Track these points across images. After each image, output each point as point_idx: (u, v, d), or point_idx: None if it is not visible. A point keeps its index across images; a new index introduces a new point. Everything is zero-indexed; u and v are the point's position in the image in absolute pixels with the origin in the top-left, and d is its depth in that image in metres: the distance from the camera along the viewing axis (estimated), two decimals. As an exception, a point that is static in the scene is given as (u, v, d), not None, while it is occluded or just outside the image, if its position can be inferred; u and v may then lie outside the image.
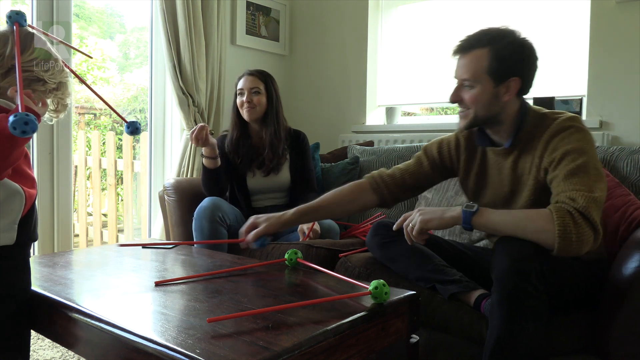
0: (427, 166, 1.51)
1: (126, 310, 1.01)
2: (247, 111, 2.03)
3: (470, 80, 1.27)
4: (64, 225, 2.27)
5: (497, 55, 1.24)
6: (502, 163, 1.35)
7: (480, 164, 1.43)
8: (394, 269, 1.48)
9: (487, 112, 1.28)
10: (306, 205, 1.49)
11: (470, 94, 1.28)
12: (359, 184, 1.55)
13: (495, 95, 1.26)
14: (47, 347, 1.83)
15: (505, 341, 1.07)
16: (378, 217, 2.21)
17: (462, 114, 1.33)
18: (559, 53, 2.27)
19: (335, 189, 1.54)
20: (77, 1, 3.77)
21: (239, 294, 1.10)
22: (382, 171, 1.55)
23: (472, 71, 1.26)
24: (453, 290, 1.30)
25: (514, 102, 1.29)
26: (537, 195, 1.27)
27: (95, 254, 1.60)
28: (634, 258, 1.12)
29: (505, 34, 1.26)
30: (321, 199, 1.52)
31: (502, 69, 1.24)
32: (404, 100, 2.86)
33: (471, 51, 1.27)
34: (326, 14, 3.03)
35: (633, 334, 1.10)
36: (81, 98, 3.87)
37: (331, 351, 0.87)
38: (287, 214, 1.46)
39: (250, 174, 2.08)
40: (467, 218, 1.21)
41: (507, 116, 1.29)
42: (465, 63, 1.28)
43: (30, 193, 1.10)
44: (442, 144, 1.51)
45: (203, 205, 1.86)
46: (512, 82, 1.25)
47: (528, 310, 1.06)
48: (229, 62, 2.79)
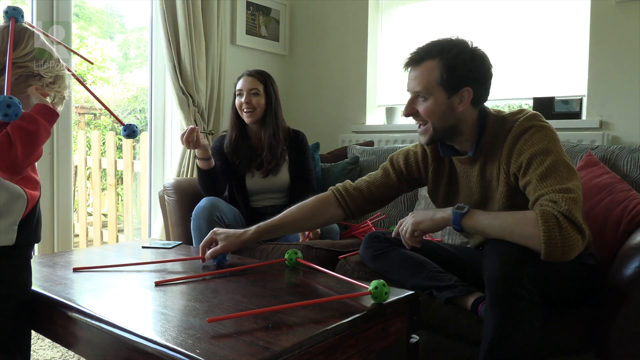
0: (394, 178, 1.49)
1: (126, 310, 1.01)
2: (246, 115, 2.03)
3: (423, 93, 1.26)
4: (64, 225, 2.27)
5: (447, 66, 1.23)
6: (469, 171, 1.35)
7: (450, 173, 1.42)
8: (390, 278, 1.47)
9: (443, 123, 1.27)
10: (266, 223, 1.44)
11: (424, 107, 1.27)
12: (323, 198, 1.50)
13: (449, 106, 1.25)
14: (47, 347, 1.83)
15: (499, 344, 1.07)
16: (378, 217, 2.21)
17: (422, 130, 1.31)
18: (559, 53, 2.27)
19: (298, 204, 1.49)
20: (77, 1, 3.77)
21: (239, 294, 1.10)
22: (348, 183, 1.52)
23: (424, 83, 1.25)
24: (448, 295, 1.30)
25: (471, 111, 1.28)
26: (511, 200, 1.26)
27: (95, 254, 1.60)
28: (634, 258, 1.12)
29: (455, 44, 1.25)
30: (282, 216, 1.46)
31: (453, 80, 1.23)
32: (404, 100, 2.85)
33: (422, 63, 1.26)
34: (326, 14, 3.03)
35: (633, 333, 1.10)
36: (81, 98, 3.87)
37: (331, 351, 0.87)
38: (247, 232, 1.41)
39: (249, 175, 2.08)
40: (457, 219, 1.21)
41: (466, 126, 1.29)
42: (416, 75, 1.27)
43: (32, 195, 1.10)
44: (409, 155, 1.48)
45: (201, 205, 1.85)
46: (465, 92, 1.24)
47: (521, 313, 1.06)
48: (229, 62, 2.79)
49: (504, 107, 2.73)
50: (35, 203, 1.13)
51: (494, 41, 2.47)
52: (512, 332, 1.06)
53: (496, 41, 2.46)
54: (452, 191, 1.43)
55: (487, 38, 2.49)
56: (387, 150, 2.40)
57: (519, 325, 1.06)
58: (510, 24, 2.42)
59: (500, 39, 2.45)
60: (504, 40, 2.44)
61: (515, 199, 1.26)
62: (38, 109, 1.05)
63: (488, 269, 1.13)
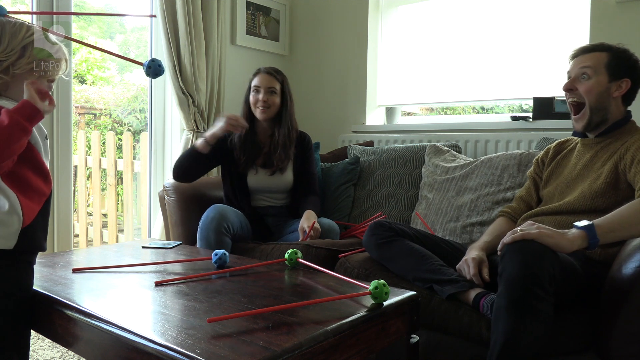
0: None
1: (126, 310, 1.01)
2: (261, 111, 2.03)
3: (591, 69, 1.40)
4: (64, 225, 2.27)
5: (616, 56, 1.40)
6: (584, 153, 1.47)
7: (563, 157, 1.55)
8: (391, 268, 1.49)
9: (598, 104, 1.40)
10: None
11: (585, 85, 1.41)
12: (503, 222, 1.59)
13: (607, 90, 1.39)
14: (47, 347, 1.83)
15: (514, 345, 1.05)
16: (378, 217, 2.21)
17: (578, 117, 1.44)
18: (559, 53, 2.27)
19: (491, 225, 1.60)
20: (77, 1, 3.77)
21: (239, 294, 1.10)
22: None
23: (593, 61, 1.40)
24: (450, 290, 1.30)
25: (620, 106, 1.41)
26: (612, 177, 1.35)
27: (95, 254, 1.60)
28: (634, 258, 1.12)
29: (619, 47, 1.42)
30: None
31: (618, 67, 1.38)
32: (404, 100, 2.86)
33: (592, 52, 1.42)
34: (326, 14, 3.04)
35: (634, 334, 1.10)
36: (81, 98, 3.87)
37: (331, 351, 0.87)
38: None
39: (253, 172, 2.07)
40: (592, 232, 1.18)
41: (611, 117, 1.41)
42: (586, 58, 1.42)
43: (29, 209, 1.09)
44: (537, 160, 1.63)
45: (209, 215, 1.81)
46: (623, 82, 1.39)
47: (538, 313, 1.06)
48: (229, 62, 2.79)
49: (504, 107, 2.73)
50: (36, 214, 1.12)
51: (494, 41, 2.47)
52: (528, 334, 1.05)
53: (496, 41, 2.46)
54: (558, 170, 1.54)
55: (487, 38, 2.49)
56: (387, 150, 2.40)
57: (535, 326, 1.05)
58: (511, 23, 2.42)
59: (500, 39, 2.45)
60: (504, 40, 2.44)
61: (616, 181, 1.35)
62: (20, 106, 1.02)
63: (506, 269, 1.12)
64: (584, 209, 1.37)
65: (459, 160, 2.14)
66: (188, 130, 2.55)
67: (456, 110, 3.13)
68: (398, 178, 2.28)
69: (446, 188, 2.06)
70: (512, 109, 2.70)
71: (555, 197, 1.48)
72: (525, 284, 1.07)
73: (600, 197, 1.35)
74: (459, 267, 1.40)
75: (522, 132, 2.27)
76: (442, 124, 2.62)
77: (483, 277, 1.33)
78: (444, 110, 3.14)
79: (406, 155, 2.32)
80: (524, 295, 1.06)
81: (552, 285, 1.09)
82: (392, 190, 2.26)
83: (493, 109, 2.91)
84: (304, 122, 3.02)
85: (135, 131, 3.73)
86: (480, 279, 1.33)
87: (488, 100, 2.60)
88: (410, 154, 2.31)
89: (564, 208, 1.42)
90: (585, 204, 1.37)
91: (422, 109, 3.14)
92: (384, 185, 2.30)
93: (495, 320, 1.10)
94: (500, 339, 1.07)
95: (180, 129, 2.61)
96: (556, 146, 1.61)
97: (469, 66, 2.56)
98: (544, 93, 2.28)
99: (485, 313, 1.22)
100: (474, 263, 1.36)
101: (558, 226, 1.30)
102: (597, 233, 1.18)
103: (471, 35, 2.55)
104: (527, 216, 1.51)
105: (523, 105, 2.63)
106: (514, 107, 2.69)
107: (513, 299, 1.07)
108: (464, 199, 1.96)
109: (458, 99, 2.65)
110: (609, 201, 1.34)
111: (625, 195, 1.33)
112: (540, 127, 2.22)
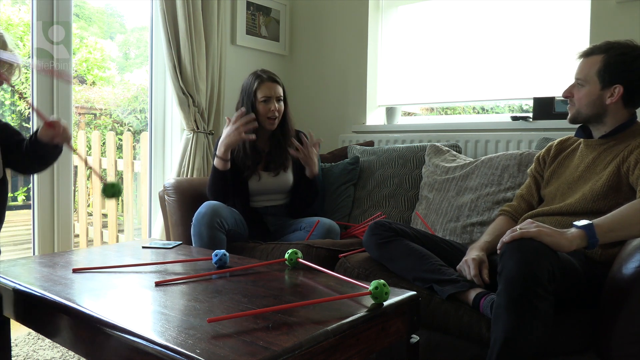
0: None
1: (126, 311, 1.01)
2: (272, 121, 2.00)
3: (582, 80, 1.43)
4: (64, 225, 2.27)
5: (608, 62, 1.38)
6: (587, 155, 1.47)
7: (565, 157, 1.55)
8: (391, 268, 1.49)
9: (589, 111, 1.42)
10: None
11: (579, 93, 1.44)
12: (503, 221, 1.59)
13: (600, 97, 1.40)
14: (47, 347, 1.83)
15: (514, 343, 1.05)
16: (378, 217, 2.21)
17: (569, 108, 1.48)
18: (559, 53, 2.27)
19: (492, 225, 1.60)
20: (77, 1, 3.77)
21: (239, 294, 1.10)
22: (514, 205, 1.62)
23: (584, 72, 1.42)
24: (450, 291, 1.30)
25: (621, 110, 1.40)
26: (614, 179, 1.35)
27: (95, 254, 1.60)
28: (634, 258, 1.12)
29: (623, 46, 1.39)
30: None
31: (608, 75, 1.37)
32: (404, 100, 2.86)
33: (590, 56, 1.43)
34: (326, 14, 3.03)
35: (634, 334, 1.10)
36: (81, 98, 3.87)
37: (331, 351, 0.87)
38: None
39: (256, 177, 2.05)
40: (591, 231, 1.18)
41: (610, 120, 1.41)
42: (582, 65, 1.44)
43: None
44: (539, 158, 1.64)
45: (202, 211, 1.82)
46: (616, 89, 1.37)
47: (538, 313, 1.06)
48: (229, 62, 2.79)
49: (504, 107, 2.73)
50: None
51: (494, 41, 2.47)
52: (528, 333, 1.05)
53: (496, 41, 2.46)
54: (560, 170, 1.55)
55: (487, 38, 2.49)
56: (387, 150, 2.39)
57: (535, 325, 1.05)
58: (511, 23, 2.42)
59: (500, 39, 2.45)
60: (504, 40, 2.44)
61: (618, 181, 1.35)
62: None
63: (505, 267, 1.12)
64: (585, 211, 1.37)
65: (459, 160, 2.14)
66: (188, 130, 2.55)
67: (456, 110, 3.13)
68: (398, 178, 2.28)
69: (446, 188, 2.06)
70: (512, 109, 2.70)
71: (556, 199, 1.48)
72: (525, 282, 1.07)
73: (602, 199, 1.35)
74: (459, 268, 1.40)
75: (522, 132, 2.27)
76: (442, 124, 2.62)
77: (483, 277, 1.33)
78: (444, 110, 3.14)
79: (406, 155, 2.32)
80: (523, 293, 1.06)
81: (552, 284, 1.09)
82: (392, 190, 2.26)
83: (493, 109, 2.91)
84: (304, 122, 3.02)
85: (136, 131, 3.73)
86: (480, 280, 1.33)
87: (488, 100, 2.60)
88: (411, 154, 2.31)
89: (565, 210, 1.42)
90: (587, 206, 1.37)
91: (422, 109, 3.14)
92: (384, 185, 2.30)
93: (494, 319, 1.11)
94: (500, 338, 1.07)
95: (181, 129, 2.61)
96: (558, 144, 1.60)
97: (469, 66, 2.56)
98: (544, 93, 2.27)
99: (486, 313, 1.22)
100: (474, 264, 1.36)
101: (558, 227, 1.30)
102: (596, 232, 1.18)
103: (471, 36, 2.55)
104: (527, 217, 1.50)
105: (523, 105, 2.63)
106: (514, 107, 2.69)
107: (512, 298, 1.07)
108: (464, 199, 1.96)
109: (458, 99, 2.65)
110: (611, 203, 1.33)
111: (626, 197, 1.32)
112: (541, 127, 2.22)
